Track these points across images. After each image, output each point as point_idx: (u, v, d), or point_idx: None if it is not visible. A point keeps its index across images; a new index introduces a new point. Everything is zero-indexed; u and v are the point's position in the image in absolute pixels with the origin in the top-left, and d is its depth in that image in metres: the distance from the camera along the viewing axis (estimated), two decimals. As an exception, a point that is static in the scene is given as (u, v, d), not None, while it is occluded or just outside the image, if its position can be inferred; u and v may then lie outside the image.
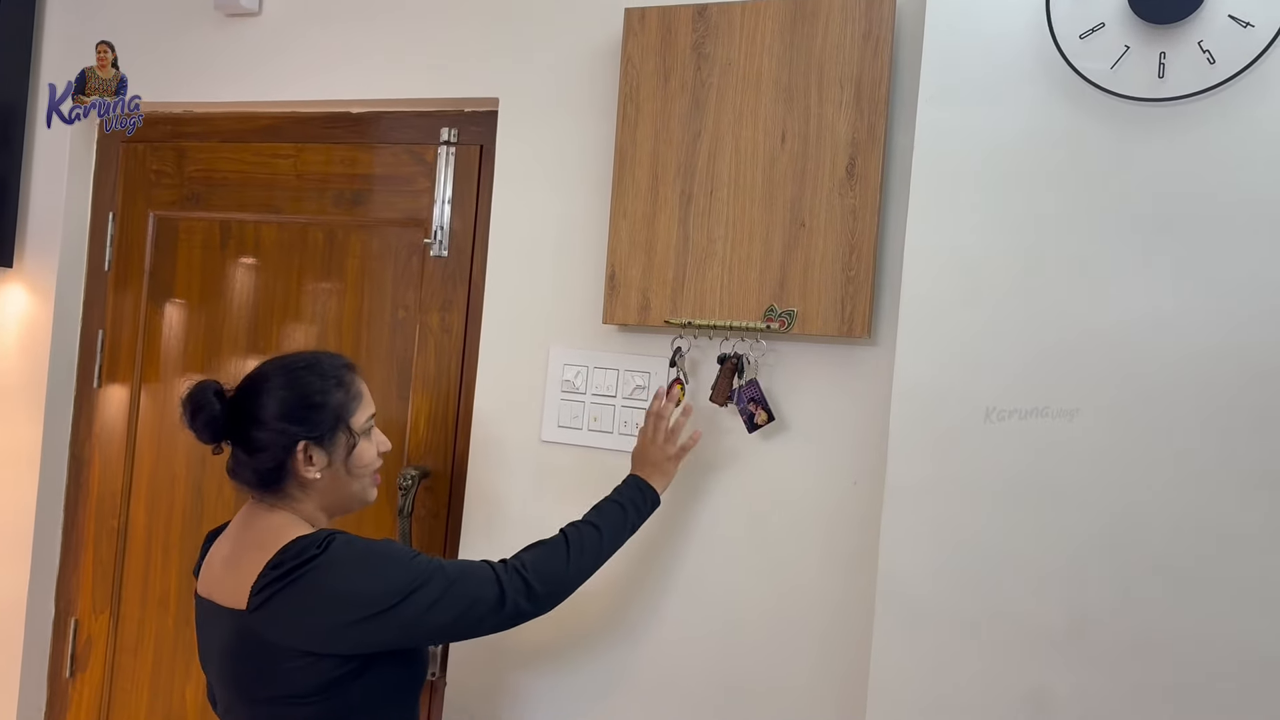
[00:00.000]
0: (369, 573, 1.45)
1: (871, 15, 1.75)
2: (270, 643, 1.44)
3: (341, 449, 1.54)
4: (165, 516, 2.46)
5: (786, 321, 1.77)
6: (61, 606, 2.58)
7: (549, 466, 2.00)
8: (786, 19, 1.80)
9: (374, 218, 2.26)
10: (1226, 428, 1.46)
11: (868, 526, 1.74)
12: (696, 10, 1.86)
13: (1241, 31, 1.45)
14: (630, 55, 1.90)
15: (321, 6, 2.26)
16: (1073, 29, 1.55)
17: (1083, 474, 1.52)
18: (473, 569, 1.52)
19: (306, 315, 2.32)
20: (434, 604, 1.45)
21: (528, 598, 1.52)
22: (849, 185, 1.75)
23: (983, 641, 1.57)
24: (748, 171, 1.81)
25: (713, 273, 1.83)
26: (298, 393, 1.52)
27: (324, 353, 1.60)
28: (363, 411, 1.56)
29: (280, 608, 1.43)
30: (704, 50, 1.85)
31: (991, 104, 1.60)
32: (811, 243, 1.77)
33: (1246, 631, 1.44)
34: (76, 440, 2.56)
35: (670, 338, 1.89)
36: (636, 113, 1.89)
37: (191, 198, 2.44)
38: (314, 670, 1.44)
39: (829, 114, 1.76)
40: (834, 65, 1.76)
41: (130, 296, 2.51)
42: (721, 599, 1.86)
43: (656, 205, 1.87)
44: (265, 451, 1.51)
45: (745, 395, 1.81)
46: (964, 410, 1.59)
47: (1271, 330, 1.44)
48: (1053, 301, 1.55)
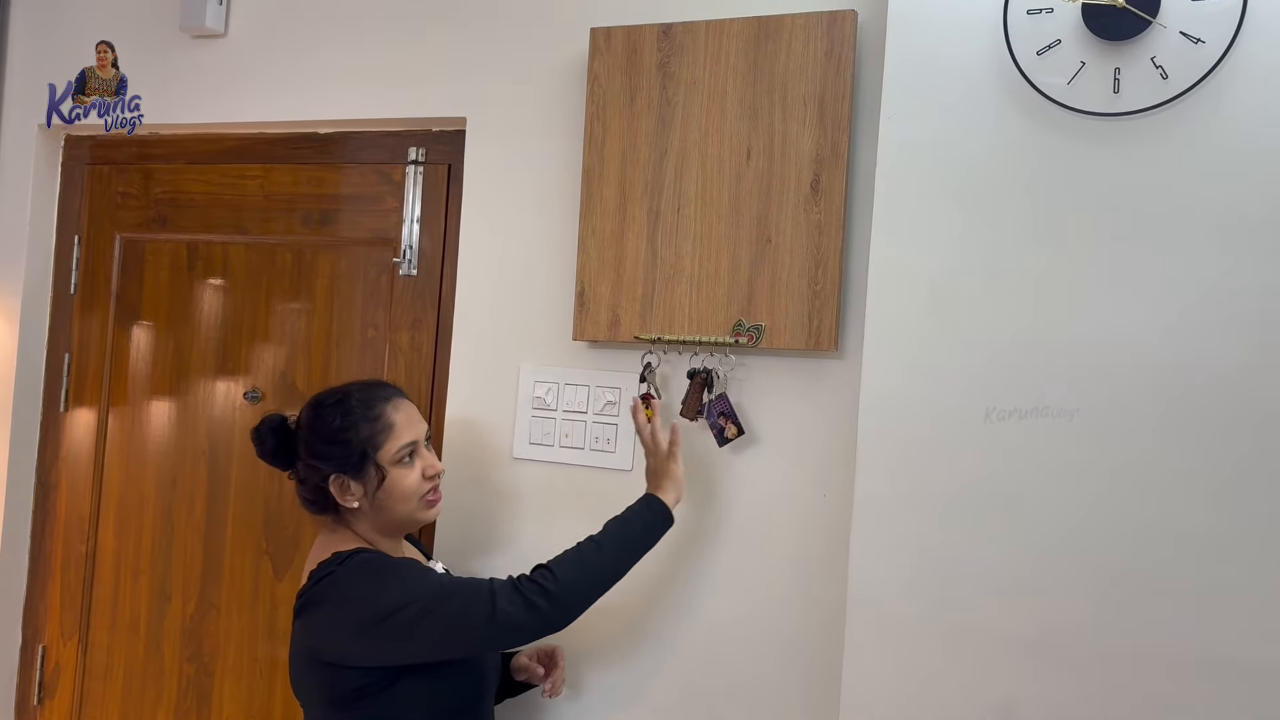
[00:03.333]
0: (375, 586, 1.53)
1: (833, 34, 1.77)
2: (308, 649, 1.57)
3: (373, 481, 1.60)
4: (134, 540, 2.44)
5: (754, 336, 1.79)
6: (29, 633, 2.54)
7: (521, 483, 2.00)
8: (750, 37, 1.82)
9: (342, 237, 2.26)
10: (1187, 435, 1.48)
11: (838, 537, 1.75)
12: (661, 29, 1.87)
13: (1193, 48, 1.49)
14: (596, 74, 1.92)
15: (288, 27, 2.26)
16: (1030, 45, 1.57)
17: (1047, 483, 1.54)
18: (469, 583, 1.56)
19: (276, 336, 2.32)
20: (426, 615, 1.50)
21: (525, 608, 1.53)
22: (814, 201, 1.77)
23: (952, 651, 1.58)
24: (714, 188, 1.83)
25: (681, 288, 1.85)
26: (323, 430, 1.61)
27: (362, 384, 1.67)
28: (393, 442, 1.60)
29: (310, 616, 1.56)
30: (669, 69, 1.87)
31: (952, 119, 1.62)
32: (778, 258, 1.78)
33: (1209, 636, 1.46)
34: (43, 465, 2.54)
35: (640, 353, 1.90)
36: (603, 131, 1.91)
37: (158, 219, 2.43)
38: (341, 679, 1.54)
39: (793, 131, 1.78)
40: (797, 83, 1.79)
41: (97, 319, 2.49)
42: (693, 610, 1.87)
43: (624, 223, 1.89)
44: (305, 483, 1.63)
45: (715, 410, 1.82)
46: (929, 421, 1.61)
47: (1229, 339, 1.47)
48: (1014, 314, 1.57)
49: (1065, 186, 1.56)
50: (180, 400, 2.40)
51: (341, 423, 1.60)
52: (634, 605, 1.90)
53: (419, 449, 1.65)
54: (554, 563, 1.59)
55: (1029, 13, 1.58)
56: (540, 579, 1.56)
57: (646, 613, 1.90)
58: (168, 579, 2.40)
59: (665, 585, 1.89)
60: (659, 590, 1.89)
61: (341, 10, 2.21)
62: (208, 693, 2.36)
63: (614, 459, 1.93)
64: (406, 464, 1.62)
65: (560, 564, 1.59)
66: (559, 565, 1.59)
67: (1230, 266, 1.47)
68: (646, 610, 1.90)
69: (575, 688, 1.95)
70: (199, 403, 2.38)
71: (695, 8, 1.88)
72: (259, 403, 2.32)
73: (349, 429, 1.59)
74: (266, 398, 2.32)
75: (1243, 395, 1.46)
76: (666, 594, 1.89)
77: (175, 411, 2.40)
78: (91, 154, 2.51)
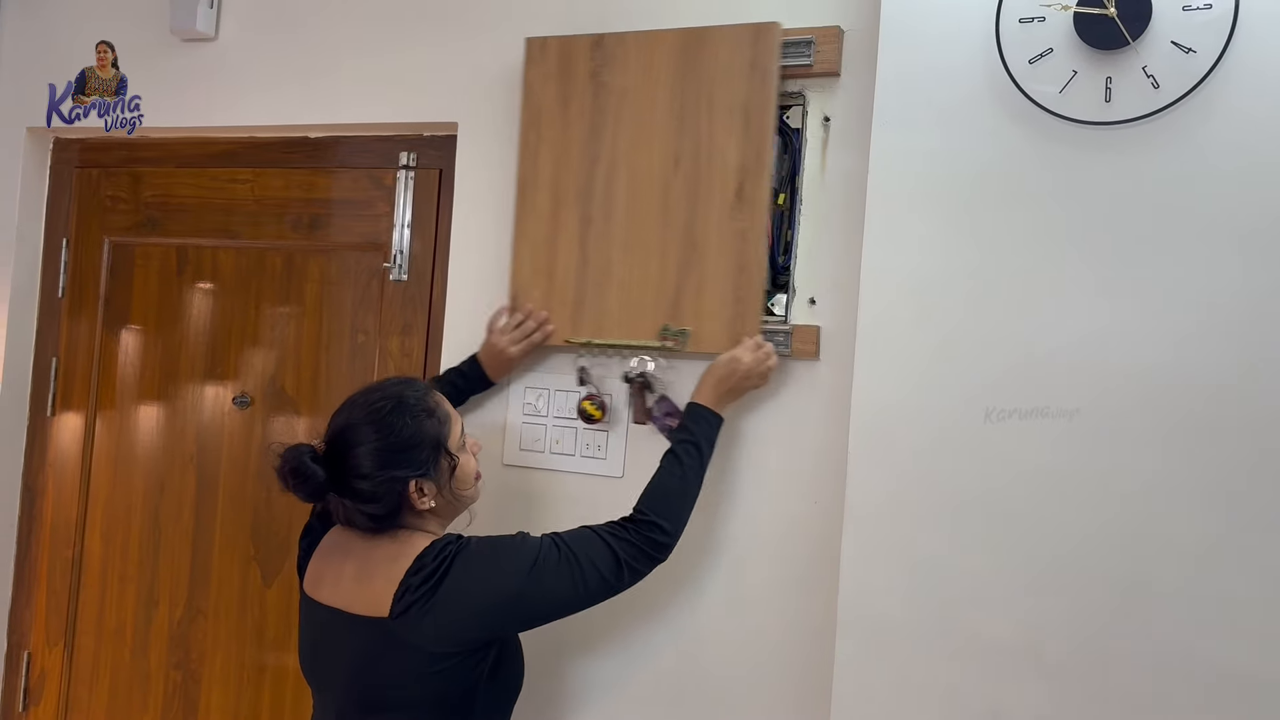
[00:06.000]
0: (499, 561, 1.51)
1: (758, 45, 1.79)
2: (415, 647, 1.49)
3: (445, 473, 1.56)
4: (121, 546, 2.42)
5: (680, 340, 1.82)
6: (14, 640, 2.53)
7: (512, 490, 2.00)
8: (679, 48, 1.84)
9: (333, 242, 2.25)
10: (1179, 443, 1.48)
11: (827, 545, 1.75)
12: (594, 40, 1.90)
13: (1184, 57, 1.49)
14: (531, 83, 1.94)
15: (278, 31, 2.25)
16: (1022, 54, 1.58)
17: (1039, 492, 1.54)
18: (579, 534, 1.57)
19: (265, 340, 2.31)
20: (556, 577, 1.51)
21: (647, 561, 1.58)
22: (738, 208, 1.79)
23: (944, 660, 1.58)
24: (643, 195, 1.86)
25: (611, 293, 1.87)
26: (394, 439, 1.53)
27: (402, 383, 1.60)
28: (454, 429, 1.58)
29: (426, 609, 1.47)
30: (601, 78, 1.89)
31: (944, 128, 1.62)
32: (704, 264, 1.81)
33: (1206, 645, 1.46)
34: (30, 470, 2.52)
35: (571, 357, 1.93)
36: (537, 139, 1.93)
37: (147, 223, 2.42)
38: (451, 675, 1.51)
39: (719, 140, 1.81)
40: (724, 93, 1.81)
41: (85, 323, 2.48)
42: (679, 619, 1.87)
43: (557, 228, 1.91)
44: (377, 501, 1.53)
45: (661, 410, 1.85)
46: (919, 429, 1.61)
47: (1220, 345, 1.47)
48: (1005, 321, 1.57)
49: (1057, 194, 1.56)
50: (168, 405, 2.39)
51: (413, 424, 1.53)
52: (624, 617, 1.89)
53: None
54: (657, 507, 1.61)
55: (1021, 21, 1.58)
56: (652, 534, 1.58)
57: (636, 624, 1.89)
58: (155, 585, 2.38)
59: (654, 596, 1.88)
60: (648, 602, 1.88)
61: (333, 14, 2.20)
62: (195, 699, 2.34)
63: (604, 465, 1.93)
64: (464, 450, 1.61)
65: (665, 507, 1.61)
66: (665, 510, 1.61)
67: (1221, 273, 1.47)
68: (635, 621, 1.89)
69: (566, 699, 1.94)
70: (187, 408, 2.37)
71: (636, 17, 1.91)
72: (248, 408, 2.31)
73: (419, 429, 1.54)
74: (255, 403, 2.31)
75: (1234, 402, 1.46)
76: (655, 605, 1.88)
77: (163, 417, 2.39)
78: (80, 157, 2.50)
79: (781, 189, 1.83)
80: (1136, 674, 1.49)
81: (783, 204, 1.83)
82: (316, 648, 1.62)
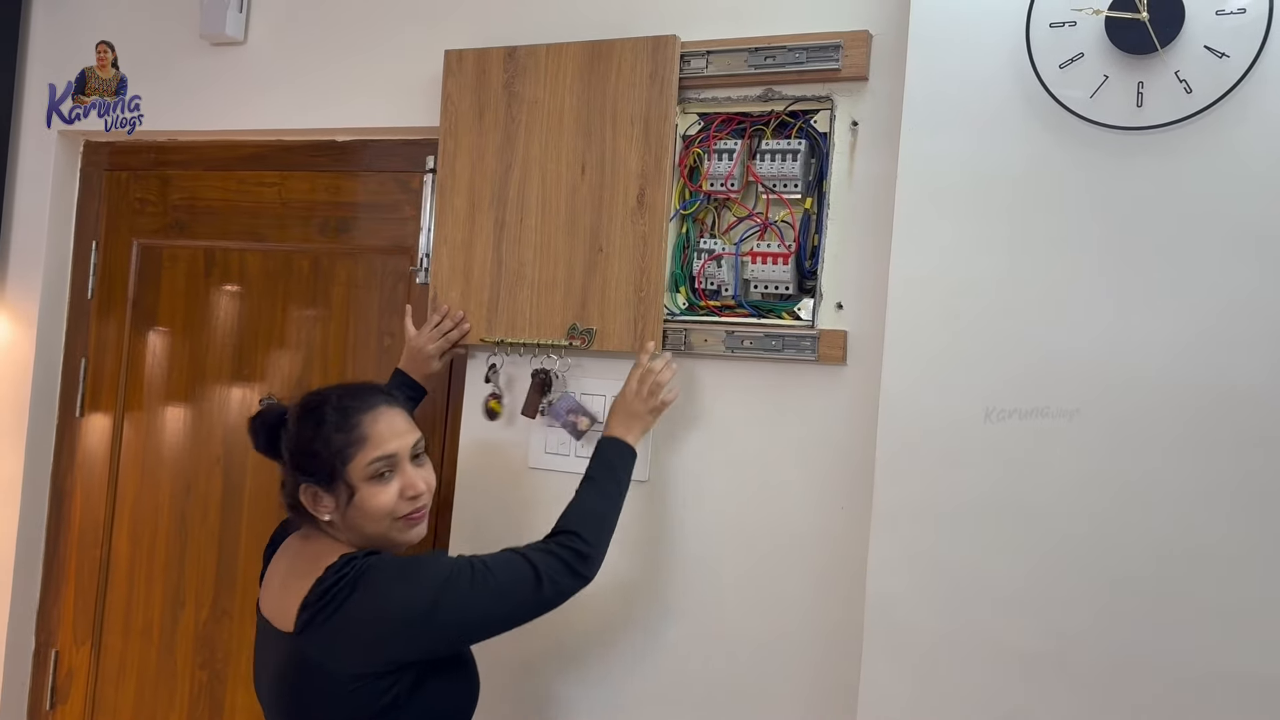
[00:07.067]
0: (406, 581, 1.43)
1: (658, 57, 1.86)
2: (319, 665, 1.43)
3: (343, 496, 1.48)
4: (149, 546, 2.44)
5: (587, 339, 1.90)
6: (42, 638, 2.55)
7: (537, 494, 2.00)
8: (584, 60, 1.92)
9: (359, 245, 2.26)
10: (1205, 449, 1.47)
11: (854, 549, 1.74)
12: (507, 52, 1.98)
13: (1217, 62, 1.48)
14: (449, 93, 2.03)
15: (306, 36, 2.27)
16: (1053, 59, 1.57)
17: (1062, 496, 1.53)
18: (499, 556, 1.51)
19: (292, 343, 2.32)
20: (470, 595, 1.44)
21: (570, 575, 1.52)
22: (639, 214, 1.87)
23: (968, 663, 1.57)
24: (553, 200, 1.94)
25: (523, 294, 1.96)
26: (297, 439, 1.52)
27: (345, 389, 1.56)
28: (364, 456, 1.48)
29: (326, 628, 1.41)
30: (514, 89, 1.98)
31: (973, 133, 1.61)
32: (608, 266, 1.90)
33: (1224, 650, 1.45)
34: (58, 470, 2.54)
35: (486, 355, 2.02)
36: (455, 146, 2.02)
37: (175, 226, 2.44)
38: (365, 694, 1.42)
39: (621, 148, 1.89)
40: (625, 103, 1.89)
41: (113, 325, 2.50)
42: (705, 621, 1.86)
43: (474, 231, 2.00)
44: (283, 488, 1.54)
45: (563, 409, 1.92)
46: (949, 433, 1.60)
47: (1250, 353, 1.46)
48: (1035, 326, 1.56)
49: (1087, 200, 1.55)
50: (196, 406, 2.40)
51: (312, 433, 1.49)
52: (648, 619, 1.89)
53: (400, 464, 1.51)
54: (574, 524, 1.58)
55: (1051, 26, 1.57)
56: (572, 544, 1.54)
57: (661, 626, 1.89)
58: (181, 585, 2.40)
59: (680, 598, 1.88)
60: (674, 604, 1.88)
61: (359, 18, 2.21)
62: (220, 699, 2.35)
63: (630, 469, 1.93)
64: (382, 480, 1.48)
65: (582, 525, 1.58)
66: (582, 527, 1.57)
67: (1252, 281, 1.46)
68: (660, 624, 1.89)
69: (586, 701, 1.94)
70: (214, 409, 2.39)
71: (547, 30, 1.99)
72: (274, 410, 2.32)
73: (321, 439, 1.48)
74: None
75: (1263, 410, 1.45)
76: (681, 607, 1.88)
77: (191, 418, 2.41)
78: (110, 160, 2.52)
79: (808, 193, 1.83)
80: (1160, 680, 1.47)
81: (810, 208, 1.83)
82: (256, 661, 1.58)
